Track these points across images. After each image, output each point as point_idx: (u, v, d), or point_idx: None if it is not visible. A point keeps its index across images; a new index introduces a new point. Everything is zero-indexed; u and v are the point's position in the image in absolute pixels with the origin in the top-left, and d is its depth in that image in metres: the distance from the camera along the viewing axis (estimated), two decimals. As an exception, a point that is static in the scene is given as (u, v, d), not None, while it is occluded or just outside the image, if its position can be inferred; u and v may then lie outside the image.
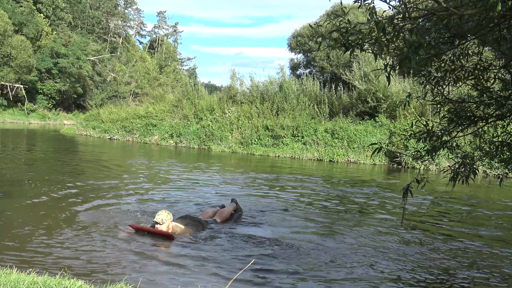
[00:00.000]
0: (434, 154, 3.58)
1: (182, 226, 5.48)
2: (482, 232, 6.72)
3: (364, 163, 16.49)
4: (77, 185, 8.62)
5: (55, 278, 3.31)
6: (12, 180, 8.68)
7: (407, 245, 5.68)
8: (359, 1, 2.61)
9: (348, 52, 2.72)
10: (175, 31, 73.61)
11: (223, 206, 6.63)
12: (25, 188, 7.89)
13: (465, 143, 13.40)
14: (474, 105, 3.54)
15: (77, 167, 11.83)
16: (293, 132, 18.66)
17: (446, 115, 3.63)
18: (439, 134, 3.52)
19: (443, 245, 5.78)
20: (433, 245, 5.75)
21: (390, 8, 2.67)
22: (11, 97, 40.01)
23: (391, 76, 2.99)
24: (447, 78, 3.49)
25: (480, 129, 3.64)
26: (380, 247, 5.47)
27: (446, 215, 7.88)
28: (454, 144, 3.64)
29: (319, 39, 2.68)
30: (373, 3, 2.57)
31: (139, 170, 11.68)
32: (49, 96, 43.77)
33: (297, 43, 31.93)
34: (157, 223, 5.29)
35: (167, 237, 5.25)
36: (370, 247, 5.44)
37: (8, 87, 39.60)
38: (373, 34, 2.55)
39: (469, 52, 3.42)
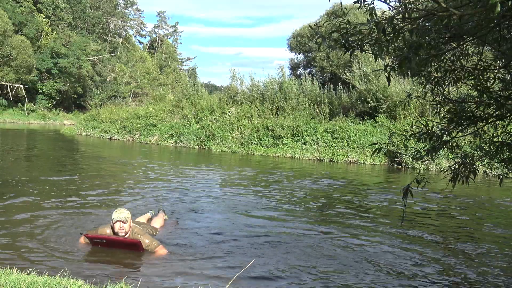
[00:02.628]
0: (434, 154, 3.58)
1: (140, 228, 5.04)
2: (483, 232, 6.72)
3: (364, 163, 16.49)
4: (76, 185, 8.62)
5: (55, 278, 3.32)
6: (9, 180, 8.68)
7: (408, 245, 5.67)
8: (359, 2, 2.61)
9: (348, 53, 2.72)
10: (175, 31, 73.64)
11: (152, 214, 6.21)
12: (22, 188, 7.89)
13: (465, 143, 13.41)
14: (474, 105, 3.54)
15: (75, 167, 11.83)
16: (293, 132, 18.67)
17: (446, 115, 3.63)
18: (439, 134, 3.52)
19: (444, 245, 5.78)
20: (434, 245, 5.75)
21: (390, 8, 2.67)
22: (11, 97, 40.02)
23: (391, 76, 2.99)
24: (447, 78, 3.49)
25: (480, 129, 3.64)
26: (380, 247, 5.47)
27: (446, 215, 7.88)
28: (454, 144, 3.64)
29: (319, 40, 2.68)
30: (373, 3, 2.57)
31: (137, 170, 11.68)
32: (49, 96, 43.77)
33: (297, 43, 31.95)
34: (120, 221, 4.73)
35: (135, 246, 4.72)
36: (370, 247, 5.44)
37: (8, 87, 39.62)
38: (373, 35, 2.56)
39: (469, 52, 3.42)
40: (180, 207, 7.22)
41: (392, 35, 2.59)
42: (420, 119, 3.72)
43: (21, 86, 40.24)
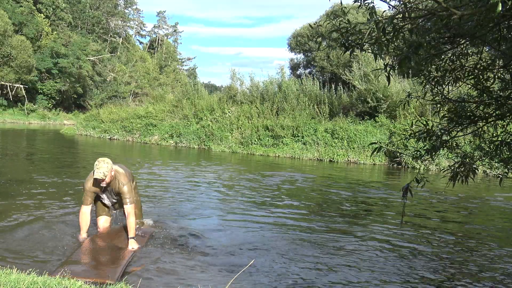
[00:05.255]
0: (433, 153, 3.58)
1: (126, 176, 5.02)
2: (481, 231, 6.72)
3: (364, 163, 16.49)
4: (75, 185, 8.61)
5: (55, 278, 3.31)
6: (8, 179, 8.68)
7: (407, 245, 5.67)
8: (359, 1, 2.60)
9: (348, 52, 2.72)
10: (175, 31, 73.64)
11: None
12: (21, 188, 7.88)
13: (465, 143, 13.41)
14: (474, 105, 3.54)
15: (75, 167, 11.83)
16: (293, 132, 18.67)
17: (446, 115, 3.63)
18: (439, 133, 3.52)
19: (443, 245, 5.78)
20: (433, 245, 5.75)
21: (390, 8, 2.67)
22: (11, 97, 40.02)
23: (391, 76, 2.99)
24: (447, 77, 3.49)
25: (480, 129, 3.64)
26: (380, 247, 5.47)
27: (446, 215, 7.88)
28: (454, 143, 3.63)
29: (319, 39, 2.68)
30: (372, 3, 2.57)
31: (137, 170, 11.68)
32: (49, 96, 43.77)
33: (297, 43, 31.95)
34: (100, 179, 4.78)
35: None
36: (369, 246, 5.44)
37: (8, 87, 39.61)
38: (373, 34, 2.55)
39: (469, 52, 3.42)
40: (179, 207, 7.22)
41: (392, 34, 2.59)
42: (420, 119, 3.72)
43: (21, 86, 40.23)
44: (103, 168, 4.79)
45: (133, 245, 4.75)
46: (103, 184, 4.89)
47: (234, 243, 5.29)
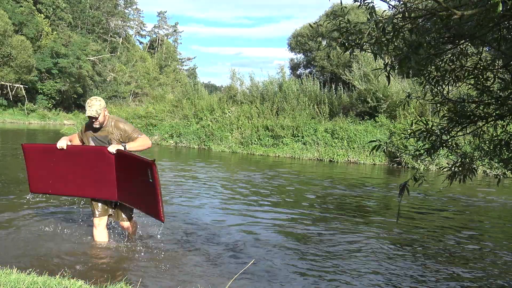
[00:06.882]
0: (433, 153, 3.58)
1: (122, 118, 4.64)
2: (478, 230, 6.72)
3: (364, 163, 16.49)
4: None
5: (55, 278, 3.31)
6: (8, 179, 8.68)
7: (402, 243, 5.67)
8: (359, 1, 2.61)
9: (348, 52, 2.72)
10: (175, 31, 73.71)
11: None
12: (20, 188, 7.88)
13: (465, 143, 13.41)
14: (474, 105, 3.54)
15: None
16: (293, 132, 18.67)
17: (446, 114, 3.63)
18: (439, 133, 3.52)
19: (439, 243, 5.78)
20: (429, 243, 5.75)
21: (390, 8, 2.67)
22: (11, 97, 40.05)
23: (391, 76, 2.99)
24: (447, 77, 3.49)
25: (480, 129, 3.64)
26: (379, 246, 5.47)
27: (444, 214, 7.88)
28: (454, 143, 3.64)
29: (319, 39, 2.68)
30: (372, 2, 2.57)
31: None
32: (49, 96, 43.81)
33: (297, 43, 31.95)
34: (92, 117, 4.39)
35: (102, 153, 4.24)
36: (369, 246, 5.44)
37: (8, 87, 39.64)
38: (373, 34, 2.56)
39: (468, 52, 3.42)
40: (178, 208, 7.22)
41: (392, 34, 2.59)
42: (420, 119, 3.72)
43: (21, 86, 40.27)
44: (95, 106, 4.37)
45: (112, 147, 4.29)
46: (96, 125, 4.44)
47: (234, 243, 5.29)
